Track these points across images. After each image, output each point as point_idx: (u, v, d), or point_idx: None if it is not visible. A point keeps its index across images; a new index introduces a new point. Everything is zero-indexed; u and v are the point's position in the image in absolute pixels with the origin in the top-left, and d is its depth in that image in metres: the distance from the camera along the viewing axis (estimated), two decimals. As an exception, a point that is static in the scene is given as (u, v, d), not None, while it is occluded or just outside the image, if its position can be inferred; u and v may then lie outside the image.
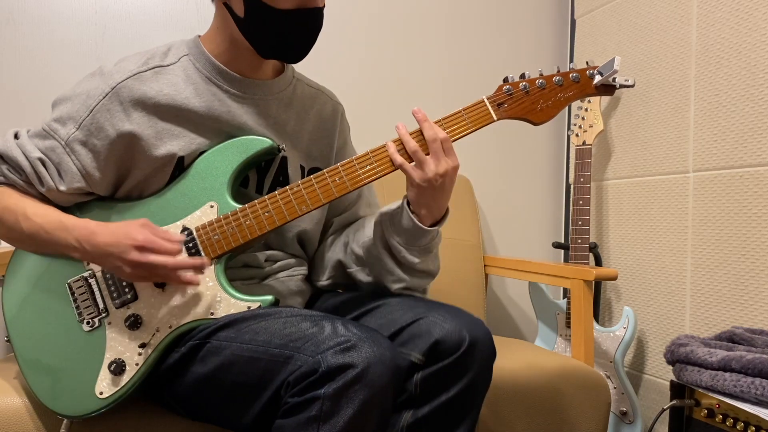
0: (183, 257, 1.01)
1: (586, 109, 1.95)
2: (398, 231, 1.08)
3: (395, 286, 1.12)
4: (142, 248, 0.96)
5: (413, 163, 1.03)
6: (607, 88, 1.12)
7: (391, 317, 1.03)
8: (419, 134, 1.04)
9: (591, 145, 1.90)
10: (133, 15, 1.84)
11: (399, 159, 1.03)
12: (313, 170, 1.18)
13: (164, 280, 0.99)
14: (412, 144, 1.03)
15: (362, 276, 1.16)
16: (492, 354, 0.99)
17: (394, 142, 1.04)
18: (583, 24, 2.15)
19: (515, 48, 2.20)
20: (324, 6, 1.08)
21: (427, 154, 1.03)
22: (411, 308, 1.02)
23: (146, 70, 1.07)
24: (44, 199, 1.08)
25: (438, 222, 1.08)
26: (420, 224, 1.05)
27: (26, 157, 1.06)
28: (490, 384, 1.01)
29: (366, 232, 1.14)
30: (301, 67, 1.22)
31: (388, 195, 1.72)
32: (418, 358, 0.95)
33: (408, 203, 1.07)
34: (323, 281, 1.22)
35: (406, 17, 2.09)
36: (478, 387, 0.98)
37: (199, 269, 1.00)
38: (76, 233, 1.01)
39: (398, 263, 1.11)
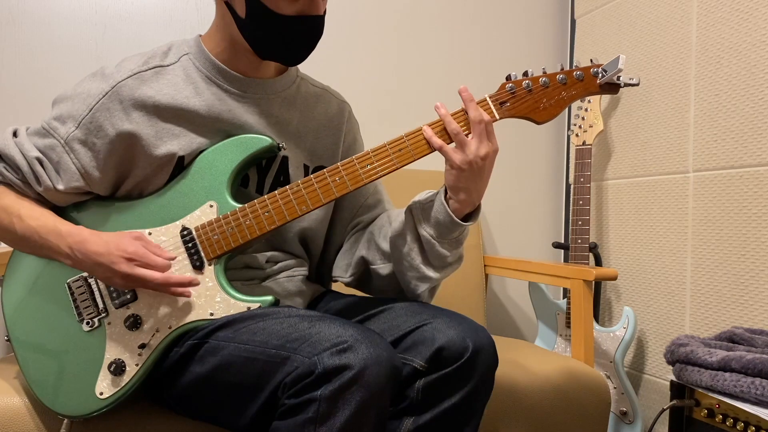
0: (172, 273, 1.01)
1: (586, 109, 1.95)
2: (430, 223, 1.06)
3: (420, 287, 1.10)
4: (131, 260, 0.97)
5: (453, 145, 1.02)
6: (612, 87, 1.09)
7: (394, 322, 1.02)
8: (462, 114, 1.03)
9: (591, 145, 1.90)
10: (133, 15, 1.84)
11: (438, 141, 1.02)
12: (318, 169, 1.18)
13: (154, 290, 1.00)
14: (454, 125, 1.01)
15: (386, 272, 1.14)
16: (494, 362, 0.99)
17: (431, 125, 1.03)
18: (583, 24, 2.14)
19: (515, 48, 2.20)
20: (325, 13, 1.08)
21: (467, 134, 1.02)
22: (415, 314, 1.02)
23: (146, 70, 1.07)
24: (41, 199, 1.08)
25: (472, 214, 1.07)
26: (456, 218, 1.03)
27: (24, 156, 1.05)
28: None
29: (394, 225, 1.12)
30: (303, 67, 1.22)
31: (391, 194, 1.72)
32: (421, 364, 0.95)
33: (444, 194, 1.05)
34: (346, 278, 1.20)
35: (406, 17, 2.09)
36: (480, 395, 0.98)
37: (187, 286, 1.00)
38: (69, 240, 1.00)
39: (426, 259, 1.08)
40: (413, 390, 0.95)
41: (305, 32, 1.06)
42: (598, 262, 1.99)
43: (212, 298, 1.02)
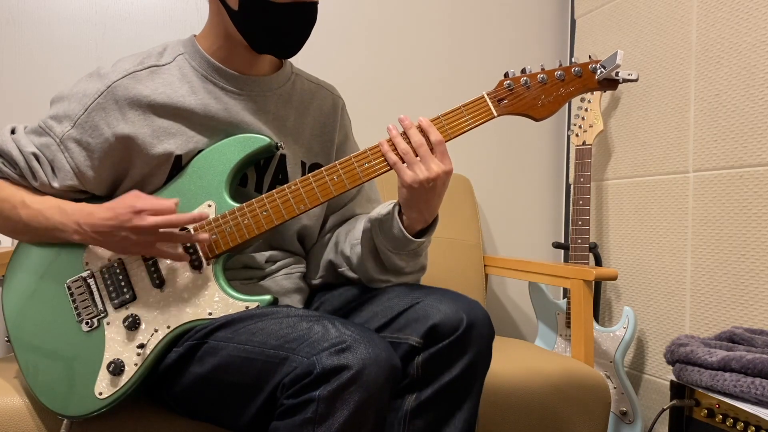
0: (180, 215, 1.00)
1: (586, 109, 1.94)
2: (387, 237, 1.07)
3: (383, 286, 1.12)
4: (141, 212, 0.97)
5: (405, 164, 1.02)
6: (610, 83, 1.09)
7: (388, 304, 1.03)
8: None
9: (591, 145, 1.89)
10: (133, 15, 1.85)
11: (393, 158, 1.02)
12: (315, 166, 1.18)
13: (165, 253, 0.99)
14: (403, 145, 1.02)
15: (351, 275, 1.16)
16: (491, 334, 0.99)
17: (389, 141, 1.04)
18: (583, 24, 2.14)
19: (515, 48, 2.20)
20: (318, 0, 1.08)
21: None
22: (408, 294, 1.03)
23: (142, 70, 1.07)
24: (38, 193, 1.08)
25: (427, 229, 1.08)
26: (408, 235, 1.05)
27: (20, 152, 1.06)
28: (490, 379, 1.01)
29: (356, 234, 1.13)
30: (301, 64, 1.22)
31: (388, 193, 1.72)
32: (417, 341, 0.96)
33: (399, 209, 1.06)
34: (315, 280, 1.21)
35: (406, 16, 2.09)
36: (479, 367, 0.98)
37: (198, 221, 1.01)
38: (75, 216, 1.02)
39: (384, 269, 1.10)
40: (413, 367, 0.96)
41: (300, 21, 1.05)
42: (598, 262, 1.99)
43: (211, 298, 1.02)
